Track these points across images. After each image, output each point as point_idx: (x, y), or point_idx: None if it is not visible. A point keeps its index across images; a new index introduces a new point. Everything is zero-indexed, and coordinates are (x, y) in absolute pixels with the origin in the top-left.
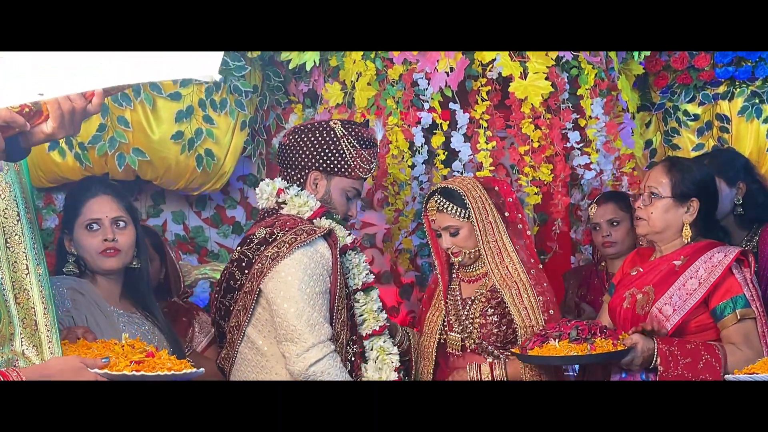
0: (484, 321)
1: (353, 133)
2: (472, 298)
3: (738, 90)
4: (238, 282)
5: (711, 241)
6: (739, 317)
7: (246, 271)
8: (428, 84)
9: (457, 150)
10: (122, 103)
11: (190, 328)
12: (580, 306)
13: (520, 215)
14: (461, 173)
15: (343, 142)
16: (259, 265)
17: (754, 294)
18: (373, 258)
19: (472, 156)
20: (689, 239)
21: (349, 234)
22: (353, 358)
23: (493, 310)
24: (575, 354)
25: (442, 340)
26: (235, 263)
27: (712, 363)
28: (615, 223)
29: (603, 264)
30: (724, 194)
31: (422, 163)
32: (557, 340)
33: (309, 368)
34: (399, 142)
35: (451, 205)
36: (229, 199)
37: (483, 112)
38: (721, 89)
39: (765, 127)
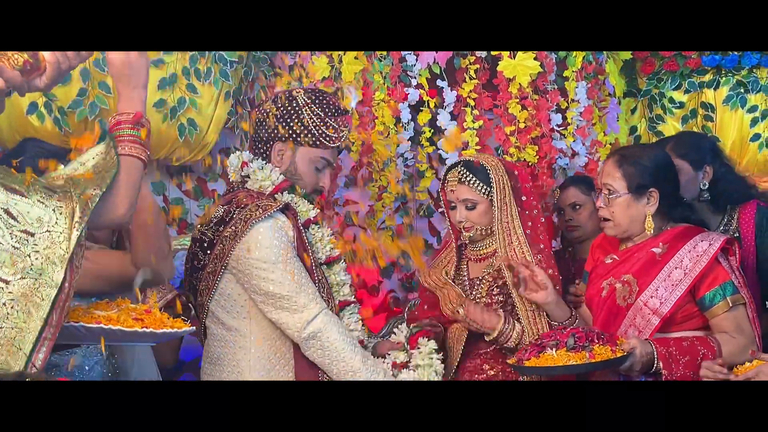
0: (490, 301)
1: (317, 101)
2: (480, 278)
3: (724, 79)
4: (202, 262)
5: (689, 227)
6: (731, 304)
7: (208, 252)
8: (416, 60)
9: (443, 128)
10: (104, 68)
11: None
12: None
13: (534, 201)
14: (446, 151)
15: (306, 111)
16: (221, 246)
17: (741, 281)
18: (354, 236)
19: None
20: (652, 231)
21: (313, 208)
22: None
23: (499, 290)
24: (574, 363)
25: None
26: (197, 243)
27: (709, 357)
28: (577, 207)
29: (570, 249)
30: (689, 178)
31: (408, 140)
32: (554, 350)
33: (306, 327)
34: (385, 118)
35: (474, 178)
36: (211, 172)
37: (471, 91)
38: (707, 77)
39: (749, 117)
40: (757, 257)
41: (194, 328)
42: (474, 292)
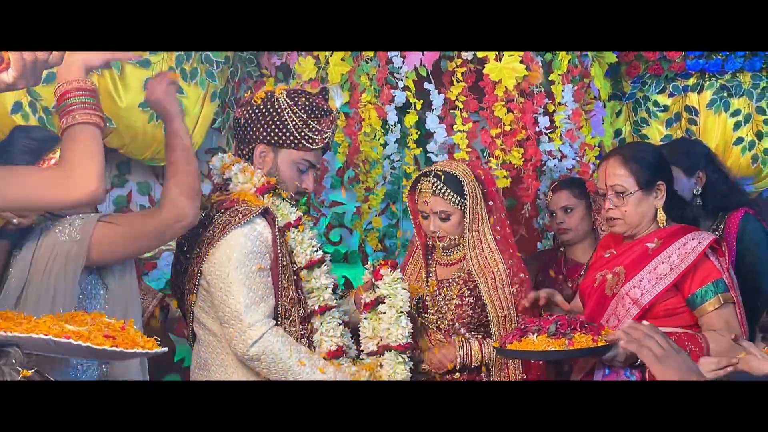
0: (460, 302)
1: (300, 103)
2: (450, 279)
3: (708, 83)
4: (183, 266)
5: (685, 226)
6: (722, 301)
7: (188, 255)
8: (403, 62)
9: (432, 131)
10: None
11: None
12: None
13: (499, 203)
14: (436, 154)
15: (287, 112)
16: (198, 249)
17: (730, 282)
18: (341, 237)
19: (446, 137)
20: (665, 223)
21: (295, 211)
22: (308, 335)
23: (470, 292)
24: (553, 349)
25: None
26: (179, 247)
27: (696, 353)
28: (569, 210)
29: (562, 250)
30: (683, 183)
31: (394, 142)
32: (536, 335)
33: (250, 348)
34: (372, 119)
35: (448, 190)
36: None
37: (459, 93)
38: (691, 81)
39: (732, 121)
40: (736, 263)
41: (166, 349)
42: (443, 293)
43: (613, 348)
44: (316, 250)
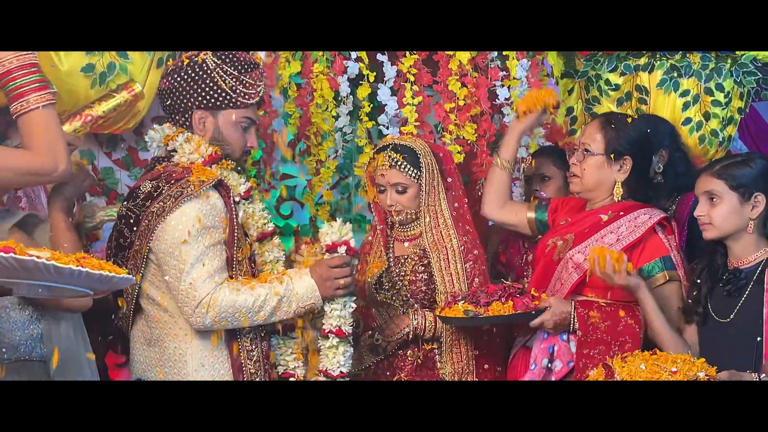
0: (414, 278)
1: (227, 61)
2: (405, 256)
3: (658, 63)
4: (128, 240)
5: (639, 203)
6: (667, 278)
7: (134, 229)
8: None
9: (383, 103)
10: None
11: None
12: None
13: (458, 182)
14: (387, 127)
15: (218, 72)
16: (146, 221)
17: (678, 260)
18: (292, 211)
19: (398, 110)
20: (620, 197)
21: (244, 183)
22: None
23: (423, 268)
24: (471, 315)
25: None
26: (123, 220)
27: (632, 326)
28: (546, 179)
29: None
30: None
31: (347, 115)
32: (462, 302)
33: (206, 320)
34: (324, 91)
35: (405, 163)
36: (142, 141)
37: (410, 66)
38: (642, 60)
39: (681, 101)
40: (687, 246)
41: (134, 279)
42: (398, 270)
43: (538, 314)
44: (267, 223)
